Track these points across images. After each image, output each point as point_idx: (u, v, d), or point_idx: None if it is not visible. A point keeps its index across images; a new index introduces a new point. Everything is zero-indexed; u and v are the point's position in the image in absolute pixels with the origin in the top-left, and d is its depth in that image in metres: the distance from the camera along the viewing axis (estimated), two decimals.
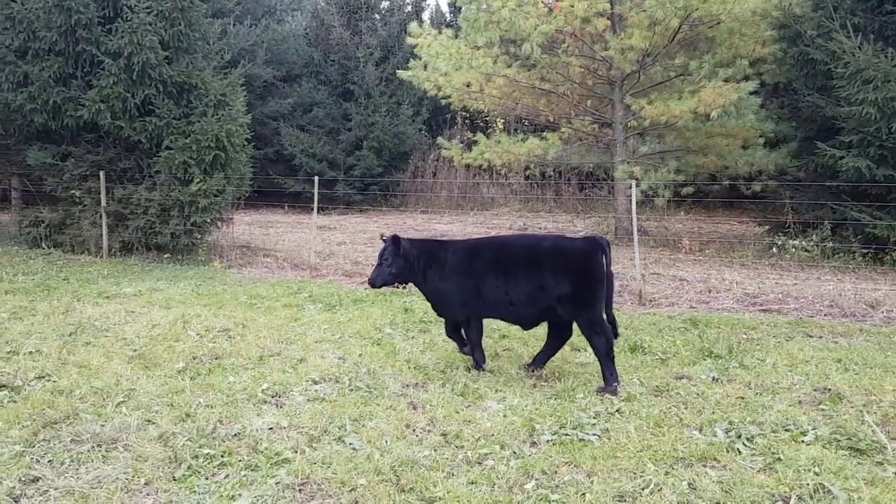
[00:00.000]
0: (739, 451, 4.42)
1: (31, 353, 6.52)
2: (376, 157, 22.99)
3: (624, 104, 14.69)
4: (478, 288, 5.91)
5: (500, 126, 26.66)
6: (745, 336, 7.47)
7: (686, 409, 5.20)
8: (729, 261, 12.49)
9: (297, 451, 4.39)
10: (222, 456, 4.32)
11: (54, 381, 5.69)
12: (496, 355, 6.66)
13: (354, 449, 4.45)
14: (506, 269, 5.85)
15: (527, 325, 6.11)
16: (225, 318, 8.05)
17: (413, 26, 15.63)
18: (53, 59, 12.48)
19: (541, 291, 5.71)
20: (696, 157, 14.78)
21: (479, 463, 4.30)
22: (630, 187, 11.07)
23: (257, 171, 14.45)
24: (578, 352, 6.73)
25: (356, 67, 23.19)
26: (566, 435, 4.66)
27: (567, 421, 4.90)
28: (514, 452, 4.41)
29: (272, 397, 5.43)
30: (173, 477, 4.06)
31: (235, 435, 4.65)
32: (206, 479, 4.05)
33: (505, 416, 5.03)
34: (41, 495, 3.80)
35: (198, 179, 12.53)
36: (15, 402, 5.20)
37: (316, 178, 12.58)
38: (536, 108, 16.09)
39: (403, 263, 6.08)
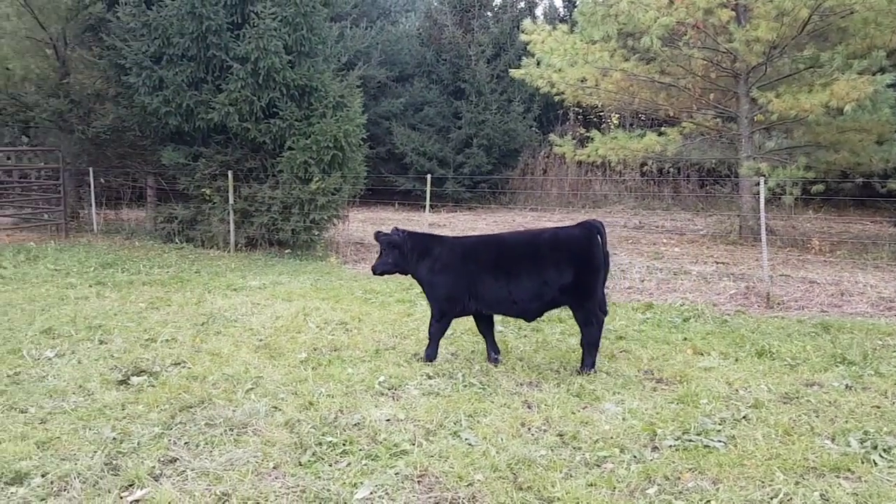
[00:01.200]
0: (875, 463, 4.14)
1: (167, 340, 6.96)
2: (486, 154, 23.04)
3: (749, 98, 14.02)
4: (471, 288, 6.02)
5: (615, 121, 26.06)
6: (880, 342, 6.95)
7: (817, 417, 4.90)
8: (862, 263, 11.67)
9: (414, 444, 4.46)
10: (344, 444, 4.45)
11: (189, 368, 6.04)
12: (613, 357, 6.50)
13: (470, 444, 4.46)
14: (507, 268, 5.96)
15: (531, 318, 6.25)
16: (342, 312, 8.29)
17: (526, 23, 15.53)
18: (186, 65, 13.26)
19: (544, 286, 5.84)
20: (826, 153, 13.94)
21: (598, 465, 4.21)
22: (756, 185, 10.52)
23: (370, 169, 14.82)
24: (702, 356, 6.47)
25: (467, 65, 23.32)
26: (689, 441, 4.49)
27: (690, 426, 4.71)
28: (635, 456, 4.29)
29: (389, 390, 5.54)
30: (299, 462, 4.22)
31: (355, 425, 4.78)
32: (330, 465, 4.19)
33: (624, 419, 4.90)
34: (178, 475, 4.04)
35: (317, 178, 12.99)
36: (154, 386, 5.56)
37: (428, 177, 12.76)
38: (655, 103, 15.60)
39: (398, 255, 6.27)
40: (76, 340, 6.88)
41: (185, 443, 4.47)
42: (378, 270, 6.38)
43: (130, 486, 3.88)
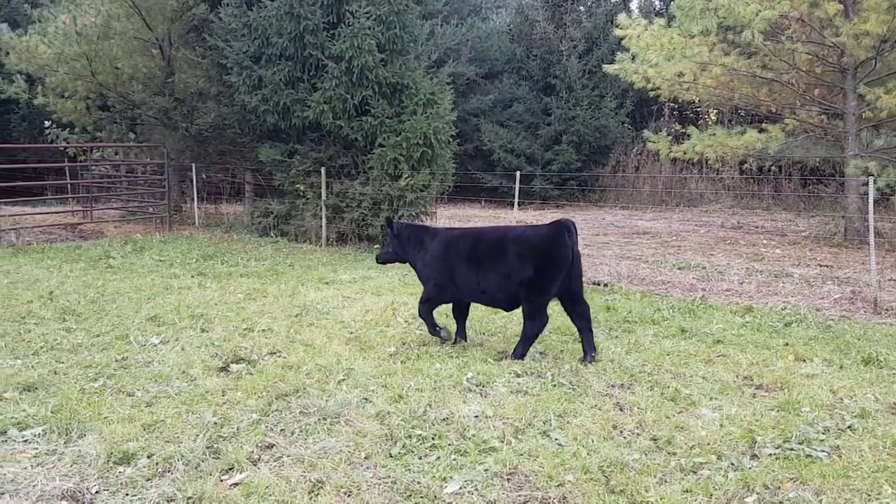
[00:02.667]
0: None
1: (263, 330, 7.20)
2: (576, 151, 22.72)
3: (857, 94, 13.26)
4: (452, 276, 6.51)
5: (713, 117, 25.17)
6: None
7: None
8: None
9: (503, 441, 4.44)
10: (433, 438, 4.48)
11: (284, 358, 6.23)
12: (710, 361, 6.28)
13: (560, 444, 4.40)
14: (477, 259, 6.39)
15: (508, 308, 6.58)
16: None
17: (622, 17, 15.19)
18: (284, 64, 13.67)
19: (507, 279, 6.22)
20: None
21: (694, 472, 4.07)
22: (864, 185, 9.93)
23: (457, 166, 14.88)
24: (804, 362, 6.16)
25: (558, 61, 23.05)
26: (791, 450, 4.28)
27: (792, 435, 4.50)
28: (733, 464, 4.12)
29: (476, 386, 5.53)
30: (390, 454, 4.27)
31: (444, 419, 4.80)
32: (420, 458, 4.22)
33: (721, 425, 4.72)
34: (275, 461, 4.17)
35: (406, 175, 13.15)
36: (251, 374, 5.76)
37: (518, 174, 12.67)
38: (756, 98, 14.96)
39: (398, 244, 6.85)
40: (179, 328, 7.22)
41: (281, 430, 4.61)
42: (380, 260, 7.09)
43: (230, 469, 4.03)
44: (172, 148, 17.22)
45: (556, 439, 4.48)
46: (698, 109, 25.50)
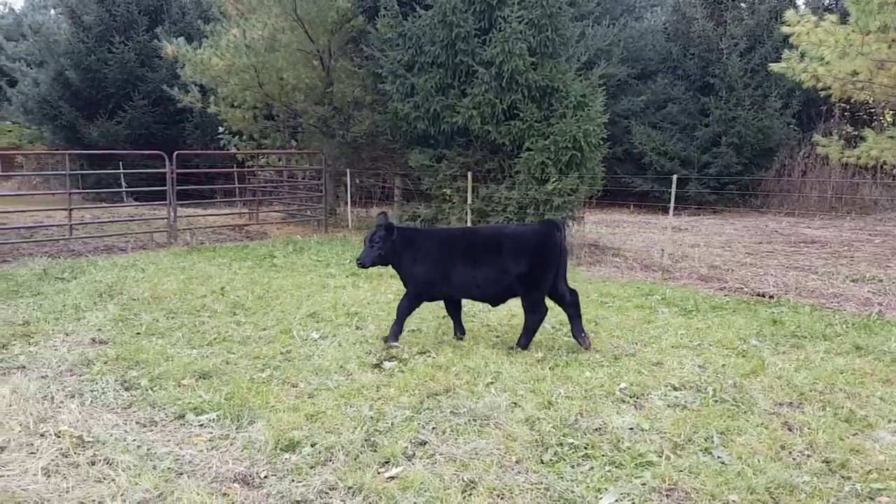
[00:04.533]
0: None
1: (413, 330, 7.37)
2: (736, 153, 21.52)
3: None
4: (445, 273, 6.69)
5: (889, 118, 22.98)
6: None
7: None
8: None
9: (661, 456, 4.25)
10: (585, 448, 4.38)
11: (433, 357, 6.34)
12: (888, 381, 5.70)
13: (723, 463, 4.16)
14: (473, 256, 6.68)
15: (495, 303, 6.97)
16: None
17: (789, 14, 14.19)
18: (435, 71, 13.97)
19: (503, 273, 6.55)
20: None
21: (871, 498, 3.74)
22: None
23: (606, 170, 14.50)
24: None
25: (718, 60, 21.96)
26: None
27: None
28: None
29: (630, 398, 5.36)
30: (541, 460, 4.22)
31: (597, 429, 4.68)
32: (572, 467, 4.14)
33: None
34: (428, 458, 4.24)
35: (553, 179, 13.00)
36: (403, 372, 5.91)
37: (674, 178, 12.15)
38: None
39: (391, 247, 6.76)
40: (336, 325, 7.55)
41: (433, 428, 4.68)
42: (367, 263, 6.87)
43: (386, 462, 4.15)
44: (329, 154, 18.09)
45: (718, 457, 4.24)
46: (872, 110, 23.38)
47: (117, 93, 24.33)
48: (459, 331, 7.17)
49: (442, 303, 7.18)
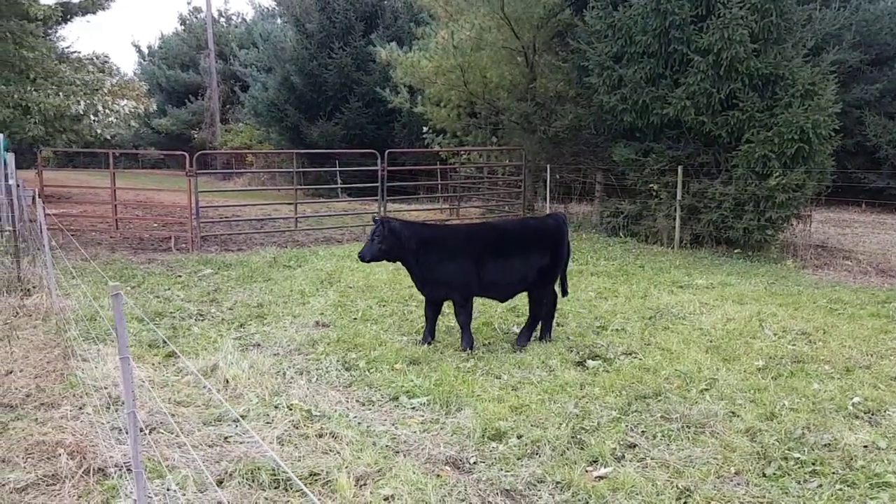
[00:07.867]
0: None
1: (617, 330, 7.13)
2: None
3: None
4: (474, 269, 6.35)
5: None
6: None
7: None
8: None
9: None
10: (813, 464, 4.02)
11: (640, 359, 6.08)
12: None
13: None
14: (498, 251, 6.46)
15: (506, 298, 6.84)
16: (803, 321, 7.49)
17: None
18: (646, 62, 13.43)
19: (528, 267, 6.45)
20: None
21: None
22: None
23: (835, 164, 13.08)
24: None
25: None
26: None
27: None
28: None
29: (864, 413, 4.83)
30: (763, 473, 3.91)
31: (826, 445, 4.26)
32: (798, 483, 3.79)
33: None
34: (639, 461, 4.05)
35: (777, 173, 11.98)
36: (608, 371, 5.73)
37: None
38: None
39: (395, 242, 6.28)
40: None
41: (642, 431, 4.48)
42: (367, 257, 6.40)
43: (594, 461, 4.03)
44: (529, 150, 18.11)
45: None
46: None
47: (335, 95, 26.15)
48: (430, 334, 6.61)
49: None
